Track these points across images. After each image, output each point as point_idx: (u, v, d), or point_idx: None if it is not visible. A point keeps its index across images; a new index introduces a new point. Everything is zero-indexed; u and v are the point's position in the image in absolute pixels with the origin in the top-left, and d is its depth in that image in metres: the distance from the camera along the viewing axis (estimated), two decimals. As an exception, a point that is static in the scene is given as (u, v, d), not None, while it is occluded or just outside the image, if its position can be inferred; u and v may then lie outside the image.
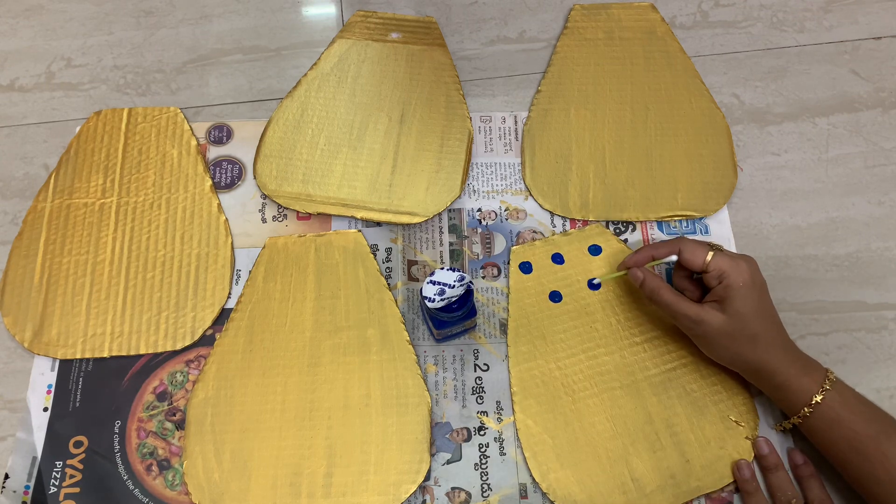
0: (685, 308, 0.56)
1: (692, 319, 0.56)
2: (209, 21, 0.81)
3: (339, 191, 0.69)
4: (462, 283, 0.57)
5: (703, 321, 0.56)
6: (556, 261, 0.67)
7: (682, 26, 0.80)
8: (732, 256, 0.56)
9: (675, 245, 0.59)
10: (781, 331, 0.57)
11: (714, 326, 0.55)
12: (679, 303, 0.57)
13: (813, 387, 0.54)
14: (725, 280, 0.55)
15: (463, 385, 0.63)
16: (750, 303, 0.55)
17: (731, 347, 0.56)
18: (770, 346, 0.55)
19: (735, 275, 0.55)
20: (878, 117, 0.74)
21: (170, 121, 0.74)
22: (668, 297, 0.57)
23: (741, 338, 0.55)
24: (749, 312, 0.55)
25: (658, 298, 0.58)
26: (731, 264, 0.55)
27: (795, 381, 0.55)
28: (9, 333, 0.65)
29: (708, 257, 0.56)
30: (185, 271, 0.67)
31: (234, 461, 0.59)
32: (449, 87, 0.74)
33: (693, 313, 0.56)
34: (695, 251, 0.57)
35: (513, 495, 0.59)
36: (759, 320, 0.55)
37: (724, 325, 0.55)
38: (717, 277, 0.56)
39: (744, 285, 0.55)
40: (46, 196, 0.70)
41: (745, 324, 0.55)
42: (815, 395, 0.54)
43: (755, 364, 0.56)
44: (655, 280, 0.59)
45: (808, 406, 0.54)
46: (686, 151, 0.72)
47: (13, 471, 0.59)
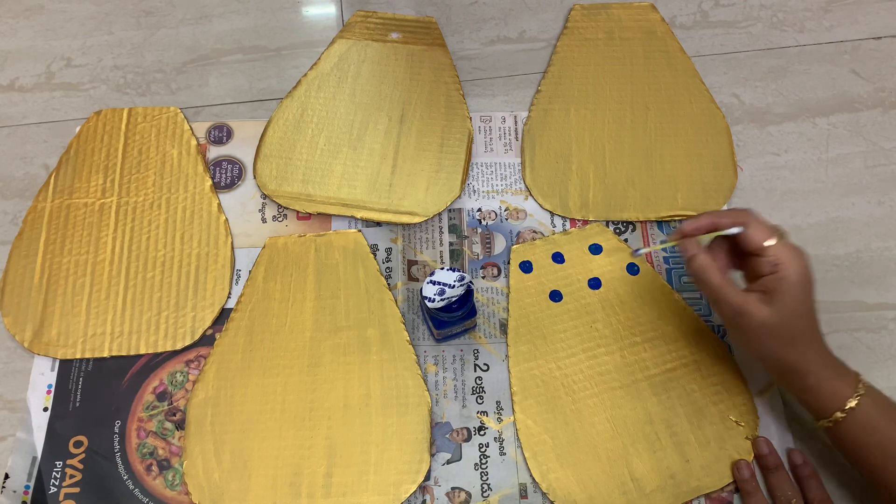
0: (729, 295, 0.52)
1: (734, 309, 0.52)
2: (209, 21, 0.81)
3: (339, 191, 0.69)
4: (462, 283, 0.57)
5: (745, 312, 0.52)
6: (556, 260, 0.67)
7: (682, 26, 0.80)
8: (793, 247, 0.52)
9: (742, 217, 0.54)
10: (819, 332, 0.54)
11: (757, 320, 0.51)
12: (724, 288, 0.52)
13: (846, 391, 0.52)
14: (781, 272, 0.51)
15: (463, 385, 0.63)
16: (800, 301, 0.51)
17: (768, 344, 0.52)
18: (807, 348, 0.53)
19: (793, 268, 0.51)
20: (878, 117, 0.74)
21: (170, 121, 0.74)
22: (715, 279, 0.53)
23: (782, 336, 0.52)
24: (797, 311, 0.51)
25: (704, 278, 0.53)
26: (791, 256, 0.51)
27: (828, 384, 0.52)
28: (9, 333, 0.64)
29: (772, 241, 0.52)
30: (185, 271, 0.67)
31: (234, 461, 0.59)
32: (449, 87, 0.74)
33: (736, 302, 0.52)
34: (760, 230, 0.52)
35: (513, 495, 0.59)
36: (804, 320, 0.52)
37: (767, 320, 0.51)
38: (771, 265, 0.51)
39: (798, 281, 0.51)
40: (46, 196, 0.70)
41: (789, 322, 0.51)
42: (848, 399, 0.51)
43: (790, 364, 0.53)
44: (707, 258, 0.54)
45: (842, 411, 0.52)
46: (686, 151, 0.72)
47: (13, 471, 0.59)
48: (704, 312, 0.65)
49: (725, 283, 0.53)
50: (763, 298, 0.51)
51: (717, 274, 0.53)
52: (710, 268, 0.53)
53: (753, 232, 0.53)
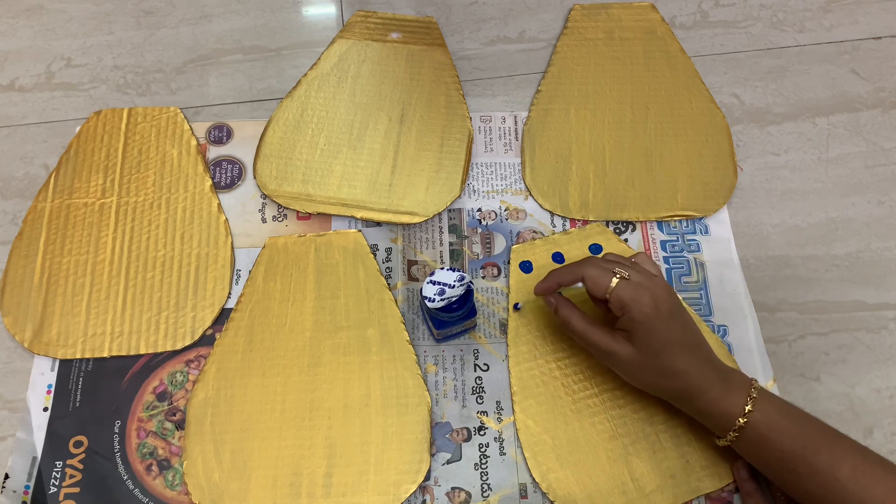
0: (596, 338, 0.54)
1: (603, 351, 0.54)
2: (209, 21, 0.81)
3: (339, 191, 0.69)
4: (462, 283, 0.57)
5: (613, 352, 0.53)
6: (556, 259, 0.67)
7: (682, 26, 0.80)
8: (636, 286, 0.52)
9: (579, 270, 0.55)
10: (699, 352, 0.53)
11: (623, 358, 0.53)
12: (590, 333, 0.54)
13: (736, 408, 0.52)
14: (627, 312, 0.52)
15: (463, 385, 0.63)
16: (656, 335, 0.52)
17: (646, 378, 0.54)
18: (685, 374, 0.52)
19: (636, 307, 0.51)
20: (878, 117, 0.74)
21: (170, 121, 0.74)
22: (578, 326, 0.55)
23: (652, 369, 0.53)
24: (656, 344, 0.52)
25: (570, 328, 0.56)
26: (632, 295, 0.52)
27: (717, 404, 0.52)
28: (9, 333, 0.64)
29: (611, 284, 0.52)
30: (185, 271, 0.67)
31: (234, 461, 0.59)
32: (449, 87, 0.74)
33: (604, 344, 0.54)
34: (598, 279, 0.53)
35: (513, 495, 0.59)
36: (669, 350, 0.52)
37: (633, 357, 0.53)
38: (619, 309, 0.52)
39: (646, 318, 0.51)
40: (46, 196, 0.70)
41: (654, 356, 0.52)
42: (737, 417, 0.51)
43: (675, 392, 0.54)
44: (567, 308, 0.56)
45: (734, 430, 0.52)
46: (686, 151, 0.72)
47: (13, 471, 0.59)
48: (704, 313, 0.65)
49: (590, 329, 0.55)
50: (626, 336, 0.53)
51: (580, 321, 0.55)
52: (571, 316, 0.56)
53: (590, 283, 0.54)
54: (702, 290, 0.66)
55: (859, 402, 0.62)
